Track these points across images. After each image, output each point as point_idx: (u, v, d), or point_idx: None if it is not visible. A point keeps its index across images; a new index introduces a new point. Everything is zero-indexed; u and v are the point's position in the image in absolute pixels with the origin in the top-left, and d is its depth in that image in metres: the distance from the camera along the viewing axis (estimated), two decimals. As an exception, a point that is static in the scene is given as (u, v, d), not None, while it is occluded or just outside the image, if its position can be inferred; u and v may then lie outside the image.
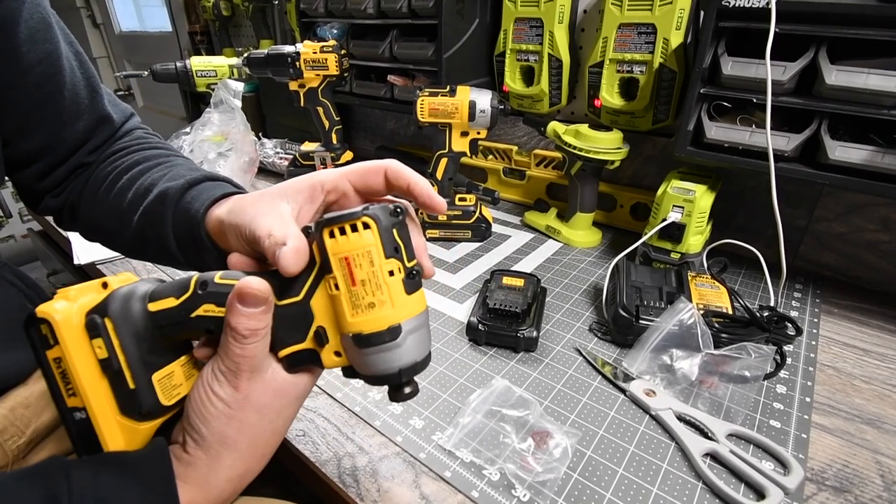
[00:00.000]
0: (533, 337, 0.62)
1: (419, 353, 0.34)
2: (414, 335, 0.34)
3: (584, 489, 0.45)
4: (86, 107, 0.54)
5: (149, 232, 0.49)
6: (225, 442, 0.36)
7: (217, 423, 0.36)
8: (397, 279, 0.33)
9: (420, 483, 0.46)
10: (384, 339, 0.33)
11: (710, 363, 0.56)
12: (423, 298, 0.35)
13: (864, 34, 0.58)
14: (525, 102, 1.03)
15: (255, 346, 0.35)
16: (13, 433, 0.53)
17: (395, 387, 0.34)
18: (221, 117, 1.17)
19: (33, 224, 2.03)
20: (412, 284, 0.34)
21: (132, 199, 0.50)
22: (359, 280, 0.33)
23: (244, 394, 0.36)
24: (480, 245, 0.94)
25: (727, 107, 0.71)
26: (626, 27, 0.83)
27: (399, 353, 0.33)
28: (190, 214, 0.46)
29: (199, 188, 0.48)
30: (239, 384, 0.35)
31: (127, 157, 0.55)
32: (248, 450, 0.37)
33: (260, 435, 0.37)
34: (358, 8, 1.02)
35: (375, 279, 0.33)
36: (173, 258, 0.49)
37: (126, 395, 0.35)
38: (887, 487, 0.47)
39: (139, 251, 0.52)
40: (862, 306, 0.75)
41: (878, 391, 0.59)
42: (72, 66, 0.52)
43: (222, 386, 0.35)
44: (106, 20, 2.61)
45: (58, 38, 0.51)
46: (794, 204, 0.82)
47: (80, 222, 0.57)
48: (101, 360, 0.35)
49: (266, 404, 0.37)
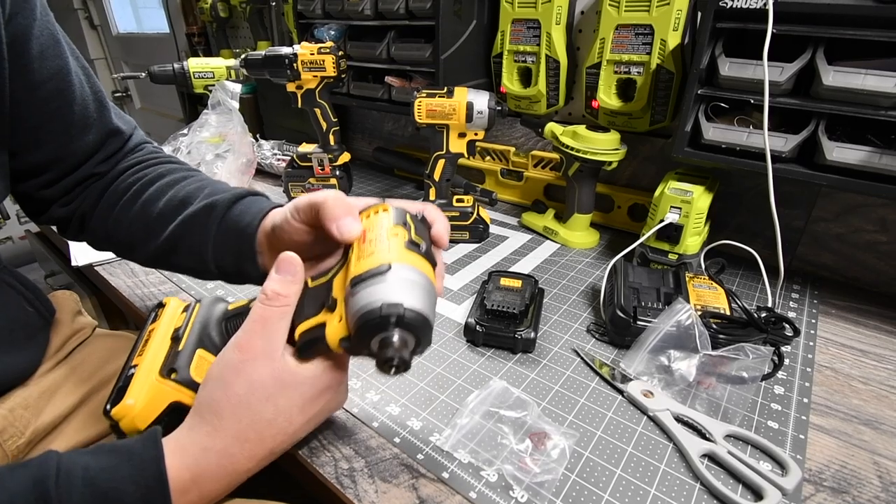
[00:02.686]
0: (531, 338, 0.62)
1: (410, 300, 0.34)
2: (405, 281, 0.35)
3: (582, 490, 0.45)
4: (94, 120, 0.55)
5: (186, 241, 0.52)
6: (210, 405, 0.38)
7: (210, 384, 0.39)
8: (400, 239, 0.37)
9: (418, 484, 0.46)
10: (372, 273, 0.35)
11: (707, 364, 0.56)
12: (424, 262, 0.37)
13: (861, 35, 0.58)
14: (522, 103, 1.03)
15: (275, 310, 0.39)
16: (12, 433, 0.53)
17: (382, 343, 0.34)
18: (219, 119, 1.17)
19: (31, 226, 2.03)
20: (414, 247, 0.37)
21: (164, 210, 0.53)
22: (367, 238, 0.38)
23: (244, 357, 0.38)
24: (478, 246, 0.94)
25: (725, 108, 0.71)
26: (623, 28, 0.83)
27: (384, 288, 0.34)
28: (241, 226, 0.50)
29: (247, 202, 0.53)
30: (246, 345, 0.38)
31: (148, 171, 0.57)
32: (229, 422, 0.38)
33: (245, 412, 0.38)
34: (355, 9, 1.02)
35: (380, 236, 0.37)
36: (202, 266, 0.53)
37: (171, 356, 0.42)
38: (885, 488, 0.47)
39: (162, 259, 0.55)
40: (860, 307, 0.75)
41: (875, 392, 0.59)
42: (80, 80, 0.53)
43: (229, 348, 0.39)
44: (103, 21, 2.60)
45: (66, 54, 0.52)
46: (791, 205, 0.82)
47: (92, 234, 0.58)
48: (174, 329, 0.44)
49: (258, 381, 0.38)
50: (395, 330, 0.33)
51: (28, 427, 0.54)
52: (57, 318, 0.66)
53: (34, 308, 0.60)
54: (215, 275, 0.53)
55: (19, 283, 0.59)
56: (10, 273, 0.58)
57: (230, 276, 0.53)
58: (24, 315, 0.58)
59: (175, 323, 0.46)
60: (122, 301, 0.77)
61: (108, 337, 0.70)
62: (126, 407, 0.40)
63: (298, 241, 0.46)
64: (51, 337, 0.64)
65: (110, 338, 0.70)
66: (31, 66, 0.48)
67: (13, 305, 0.57)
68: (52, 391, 0.59)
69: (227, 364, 0.38)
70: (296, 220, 0.45)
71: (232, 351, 0.38)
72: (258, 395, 0.38)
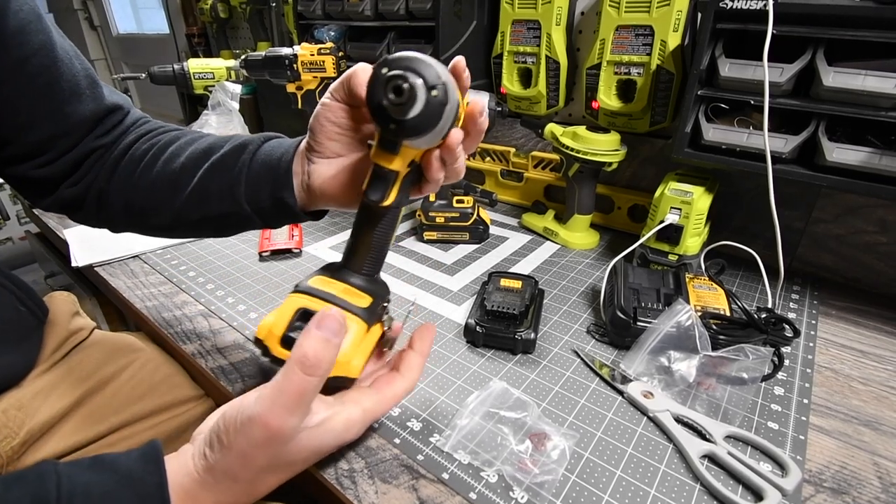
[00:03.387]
0: (531, 339, 0.62)
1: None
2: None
3: (582, 491, 0.45)
4: (87, 96, 0.53)
5: (216, 185, 0.51)
6: (226, 472, 0.37)
7: (232, 456, 0.36)
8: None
9: (418, 485, 0.46)
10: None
11: (707, 365, 0.56)
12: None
13: (861, 36, 0.58)
14: (523, 104, 1.03)
15: (313, 381, 0.36)
16: (6, 434, 0.53)
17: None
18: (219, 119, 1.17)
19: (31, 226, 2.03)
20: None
21: (187, 163, 0.52)
22: None
23: (272, 437, 0.36)
24: (478, 247, 0.94)
25: (725, 109, 0.71)
26: (623, 29, 0.83)
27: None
28: (276, 156, 0.50)
29: (278, 140, 0.52)
30: (276, 425, 0.36)
31: (162, 136, 0.57)
32: (243, 486, 0.38)
33: (264, 476, 0.38)
34: (355, 10, 1.02)
35: None
36: (235, 207, 0.51)
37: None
38: (885, 489, 0.47)
39: (189, 213, 0.53)
40: (860, 308, 0.75)
41: (875, 393, 0.59)
42: (68, 56, 0.52)
43: (257, 423, 0.36)
44: (103, 22, 2.60)
45: (50, 30, 0.50)
46: (791, 206, 0.82)
47: (110, 208, 0.56)
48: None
49: (285, 455, 0.38)
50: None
51: (22, 428, 0.54)
52: (53, 319, 0.66)
53: (27, 308, 0.59)
54: (247, 215, 0.51)
55: (11, 282, 0.58)
56: (3, 274, 0.58)
57: (264, 212, 0.51)
58: (17, 315, 0.58)
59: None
60: (121, 302, 0.77)
61: (106, 338, 0.70)
62: (264, 322, 0.42)
63: (339, 125, 0.46)
64: (46, 338, 0.64)
65: (109, 339, 0.70)
66: (12, 42, 0.46)
67: (5, 305, 0.57)
68: (48, 392, 0.59)
69: (251, 440, 0.36)
70: (335, 99, 0.45)
71: (260, 428, 0.35)
72: (281, 463, 0.38)
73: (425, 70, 0.34)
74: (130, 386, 0.65)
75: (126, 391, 0.65)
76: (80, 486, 0.32)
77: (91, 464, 0.34)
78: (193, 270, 0.83)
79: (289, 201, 0.49)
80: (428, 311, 0.73)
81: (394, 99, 0.34)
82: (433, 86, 0.34)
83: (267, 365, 0.47)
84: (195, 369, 0.64)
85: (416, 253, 0.92)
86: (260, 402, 0.36)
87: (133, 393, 0.65)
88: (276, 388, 0.36)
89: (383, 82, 0.35)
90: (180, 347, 0.65)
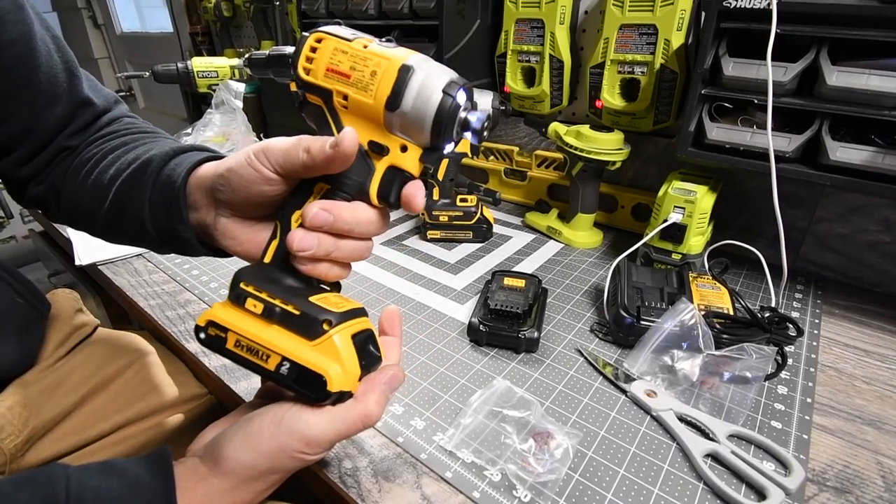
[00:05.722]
0: (534, 338, 0.62)
1: (452, 74, 0.36)
2: (435, 67, 0.36)
3: (586, 490, 0.45)
4: (64, 90, 0.52)
5: (126, 202, 0.47)
6: (252, 475, 0.37)
7: (261, 459, 0.36)
8: (372, 48, 0.36)
9: (421, 484, 0.46)
10: (402, 78, 0.35)
11: (711, 364, 0.56)
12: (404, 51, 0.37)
13: (865, 35, 0.58)
14: (526, 103, 1.03)
15: (359, 419, 0.37)
16: (10, 432, 0.53)
17: (464, 121, 0.37)
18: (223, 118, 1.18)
19: (35, 225, 2.03)
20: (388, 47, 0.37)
21: (114, 174, 0.48)
22: (347, 71, 0.36)
23: (306, 451, 0.36)
24: (481, 246, 0.94)
25: (728, 108, 0.71)
26: (627, 28, 0.83)
27: (428, 77, 0.36)
28: (173, 179, 0.44)
29: (184, 156, 0.46)
30: (315, 443, 0.36)
31: (112, 140, 0.53)
32: (262, 484, 0.37)
33: (281, 476, 0.38)
34: (359, 9, 1.02)
35: (356, 57, 0.36)
36: (143, 233, 0.47)
37: (300, 322, 0.36)
38: (888, 488, 0.47)
39: (114, 227, 0.50)
40: (863, 307, 0.75)
41: (879, 392, 0.59)
42: (48, 48, 0.50)
43: (294, 438, 0.36)
44: (107, 21, 2.61)
45: (31, 21, 0.49)
46: (795, 205, 0.82)
47: (64, 208, 0.54)
48: (260, 314, 0.37)
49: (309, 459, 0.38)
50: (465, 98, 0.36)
51: (27, 426, 0.54)
52: (56, 315, 0.66)
53: (24, 299, 0.59)
54: (157, 241, 0.47)
55: (8, 274, 0.58)
56: (0, 266, 0.58)
57: (170, 242, 0.47)
58: (14, 306, 0.58)
59: (245, 317, 0.39)
60: (125, 300, 0.78)
61: (110, 336, 0.70)
62: (336, 374, 0.37)
63: (258, 194, 0.40)
64: (49, 334, 0.64)
65: (113, 337, 0.70)
66: None
67: (3, 298, 0.57)
68: (52, 390, 0.59)
69: (285, 451, 0.36)
70: (264, 165, 0.38)
71: (298, 443, 0.36)
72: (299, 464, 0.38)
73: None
74: (134, 384, 0.65)
75: (129, 389, 0.65)
76: (89, 490, 0.32)
77: (101, 468, 0.34)
78: (197, 269, 0.83)
79: (184, 235, 0.44)
80: (431, 310, 0.73)
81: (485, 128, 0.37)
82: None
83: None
84: (198, 368, 0.64)
85: (420, 252, 0.92)
86: (305, 424, 0.36)
87: (136, 391, 0.65)
88: (331, 416, 0.37)
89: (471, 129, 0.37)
90: (184, 346, 0.65)
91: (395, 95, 0.35)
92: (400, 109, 0.35)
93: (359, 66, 0.36)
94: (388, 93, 0.35)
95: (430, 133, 0.36)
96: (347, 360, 0.36)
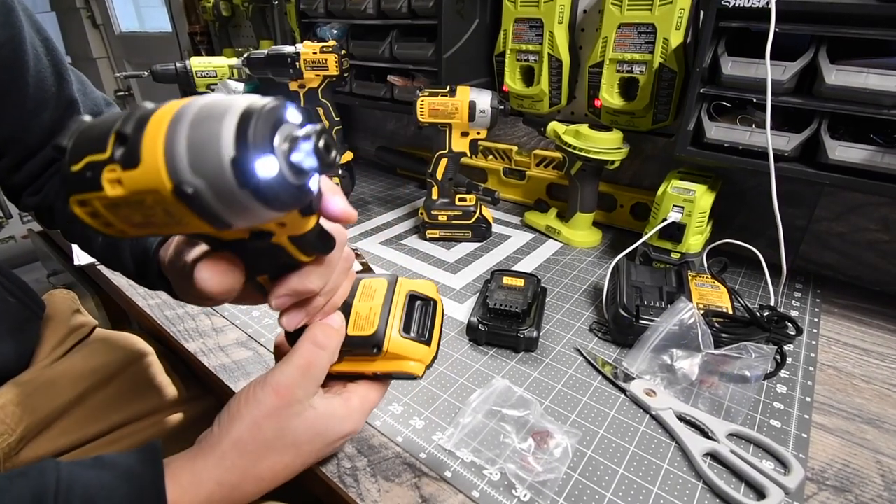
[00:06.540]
0: (533, 337, 0.62)
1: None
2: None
3: (585, 489, 0.45)
4: (52, 94, 0.51)
5: (117, 244, 0.48)
6: (236, 444, 0.37)
7: (238, 424, 0.37)
8: None
9: (420, 483, 0.46)
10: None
11: (710, 363, 0.56)
12: None
13: (863, 34, 0.58)
14: (525, 102, 1.03)
15: (323, 355, 0.37)
16: (3, 430, 0.53)
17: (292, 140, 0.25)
18: (221, 118, 1.17)
19: (34, 225, 2.03)
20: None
21: None
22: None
23: (280, 404, 0.37)
24: (480, 245, 0.94)
25: (727, 107, 0.71)
26: (625, 27, 0.83)
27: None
28: (145, 246, 0.46)
29: None
30: (285, 392, 0.37)
31: None
32: (250, 461, 0.37)
33: (268, 454, 0.38)
34: (358, 8, 1.02)
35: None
36: (124, 269, 0.49)
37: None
38: (888, 487, 0.47)
39: (110, 263, 0.51)
40: (862, 306, 0.75)
41: (878, 391, 0.59)
42: (37, 52, 0.50)
43: (265, 390, 0.37)
44: (106, 21, 2.60)
45: (21, 24, 0.48)
46: (794, 204, 0.82)
47: (59, 227, 0.54)
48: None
49: (290, 428, 0.38)
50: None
51: (20, 424, 0.54)
52: (52, 315, 0.66)
53: (16, 298, 0.59)
54: (151, 287, 0.49)
55: (0, 273, 0.58)
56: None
57: (140, 271, 0.48)
58: (5, 305, 0.58)
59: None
60: (124, 300, 0.78)
61: (108, 336, 0.70)
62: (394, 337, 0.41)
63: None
64: (45, 335, 0.64)
65: (111, 337, 0.70)
66: None
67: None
68: (47, 388, 0.59)
69: (261, 407, 0.37)
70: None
71: (268, 394, 0.37)
72: (286, 441, 0.38)
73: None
74: (133, 384, 0.65)
75: (128, 389, 0.65)
76: (79, 481, 0.33)
77: (92, 463, 0.35)
78: (196, 269, 0.82)
79: (169, 290, 0.46)
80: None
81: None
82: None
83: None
84: (197, 367, 0.64)
85: (419, 251, 0.92)
86: (270, 373, 0.37)
87: (135, 391, 0.65)
88: (286, 359, 0.38)
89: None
90: (182, 345, 0.65)
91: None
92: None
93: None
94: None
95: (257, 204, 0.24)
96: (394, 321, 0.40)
